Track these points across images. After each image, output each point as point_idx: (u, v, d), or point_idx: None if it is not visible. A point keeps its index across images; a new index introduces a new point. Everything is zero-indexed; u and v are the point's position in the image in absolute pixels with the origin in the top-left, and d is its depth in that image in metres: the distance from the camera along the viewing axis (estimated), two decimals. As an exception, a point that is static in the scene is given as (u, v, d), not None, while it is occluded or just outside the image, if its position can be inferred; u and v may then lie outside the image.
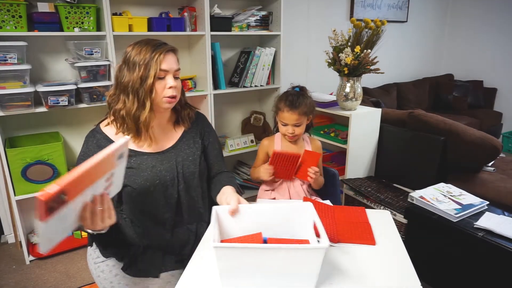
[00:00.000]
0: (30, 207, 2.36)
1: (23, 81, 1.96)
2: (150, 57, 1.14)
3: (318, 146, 1.72)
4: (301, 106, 1.53)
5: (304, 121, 1.58)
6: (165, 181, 1.24)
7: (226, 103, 2.95)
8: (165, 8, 2.52)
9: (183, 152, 1.30)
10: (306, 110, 1.55)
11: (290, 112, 1.53)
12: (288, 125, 1.56)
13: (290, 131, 1.56)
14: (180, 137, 1.33)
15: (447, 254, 1.77)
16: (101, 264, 1.24)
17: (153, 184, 1.22)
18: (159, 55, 1.15)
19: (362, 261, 1.07)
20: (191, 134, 1.35)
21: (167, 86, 1.18)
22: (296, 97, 1.54)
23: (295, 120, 1.54)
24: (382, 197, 2.26)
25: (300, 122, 1.55)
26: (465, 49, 4.90)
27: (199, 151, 1.34)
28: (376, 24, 2.26)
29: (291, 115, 1.54)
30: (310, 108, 1.57)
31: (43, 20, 1.99)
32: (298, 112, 1.53)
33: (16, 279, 2.04)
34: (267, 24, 2.79)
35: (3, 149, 1.98)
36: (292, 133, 1.56)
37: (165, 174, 1.24)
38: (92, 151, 1.19)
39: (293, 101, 1.53)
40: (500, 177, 2.46)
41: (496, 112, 4.62)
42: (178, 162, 1.28)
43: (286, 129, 1.57)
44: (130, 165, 1.21)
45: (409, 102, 4.29)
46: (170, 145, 1.30)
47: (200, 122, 1.41)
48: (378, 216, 1.33)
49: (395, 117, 2.64)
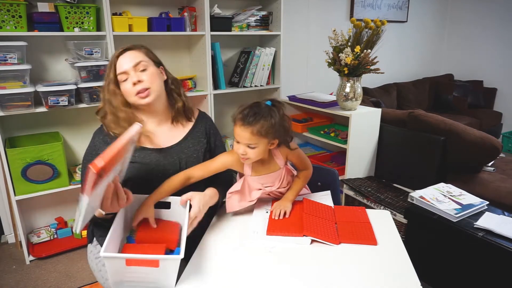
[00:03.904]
0: (30, 207, 2.36)
1: (23, 81, 1.96)
2: (108, 66, 1.24)
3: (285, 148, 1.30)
4: (256, 124, 1.16)
5: (262, 143, 1.20)
6: (168, 175, 1.25)
7: (226, 103, 2.95)
8: (165, 8, 2.52)
9: (188, 149, 1.33)
10: (264, 131, 1.17)
11: (241, 127, 1.19)
12: (239, 144, 1.21)
13: (241, 151, 1.20)
14: (185, 135, 1.36)
15: (447, 254, 1.77)
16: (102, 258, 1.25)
17: (155, 177, 1.24)
18: (113, 61, 1.24)
19: (362, 261, 1.07)
20: (196, 133, 1.38)
21: (132, 84, 1.22)
22: (253, 112, 1.18)
23: (247, 140, 1.18)
24: (382, 197, 2.26)
25: (253, 144, 1.18)
26: (465, 49, 4.90)
27: (203, 149, 1.37)
28: (376, 24, 2.26)
29: (242, 132, 1.18)
30: (273, 130, 1.18)
31: (43, 20, 1.99)
32: (251, 131, 1.16)
33: (16, 279, 2.04)
34: (267, 24, 2.79)
35: (3, 149, 1.98)
36: (243, 154, 1.21)
37: (168, 168, 1.27)
38: (98, 147, 1.26)
39: (247, 116, 1.17)
40: (500, 177, 2.46)
41: (496, 112, 4.61)
42: (182, 159, 1.30)
43: (237, 147, 1.22)
44: (134, 160, 1.24)
45: (409, 102, 4.29)
46: (175, 142, 1.33)
47: (205, 121, 1.44)
48: (378, 216, 1.33)
49: (395, 117, 2.64)
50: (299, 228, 1.20)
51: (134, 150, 1.22)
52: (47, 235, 2.33)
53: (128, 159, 1.08)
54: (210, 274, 1.02)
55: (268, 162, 1.31)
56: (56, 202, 2.42)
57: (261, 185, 1.33)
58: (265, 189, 1.34)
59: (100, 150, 1.23)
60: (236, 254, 1.11)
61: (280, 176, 1.34)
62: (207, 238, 1.20)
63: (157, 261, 0.92)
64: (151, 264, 0.92)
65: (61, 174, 2.16)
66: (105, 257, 0.91)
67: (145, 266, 0.92)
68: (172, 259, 0.94)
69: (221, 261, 1.08)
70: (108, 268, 0.95)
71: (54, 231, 2.36)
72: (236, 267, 1.05)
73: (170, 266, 0.94)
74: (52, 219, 2.44)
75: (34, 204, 2.35)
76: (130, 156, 1.09)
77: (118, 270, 0.94)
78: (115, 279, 0.96)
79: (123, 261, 0.92)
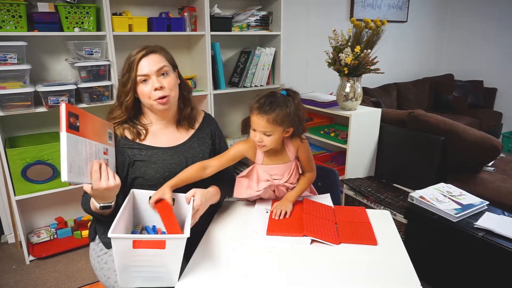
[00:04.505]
0: (30, 207, 2.36)
1: (23, 81, 1.96)
2: (129, 64, 1.24)
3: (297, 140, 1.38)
4: (272, 113, 1.24)
5: (277, 131, 1.27)
6: (175, 173, 1.27)
7: (226, 103, 2.95)
8: (165, 8, 2.52)
9: (193, 149, 1.36)
10: (279, 119, 1.24)
11: (258, 116, 1.26)
12: (256, 131, 1.29)
13: (257, 138, 1.28)
14: (191, 136, 1.39)
15: (447, 254, 1.77)
16: (104, 256, 1.27)
17: (162, 175, 1.27)
18: (136, 62, 1.22)
19: (362, 261, 1.07)
20: (202, 134, 1.41)
21: (153, 89, 1.22)
22: (269, 101, 1.25)
23: (263, 127, 1.26)
24: (382, 197, 2.26)
25: (269, 132, 1.26)
26: (465, 49, 4.90)
27: (209, 150, 1.40)
28: (376, 24, 2.26)
29: (258, 120, 1.26)
30: (285, 119, 1.26)
31: (43, 20, 1.99)
32: (267, 119, 1.24)
33: (16, 279, 2.04)
34: (267, 24, 2.79)
35: (3, 149, 1.98)
36: (260, 141, 1.28)
37: (175, 167, 1.29)
38: None
39: (263, 105, 1.25)
40: (500, 177, 2.46)
41: (496, 112, 4.62)
42: (188, 158, 1.33)
43: (253, 135, 1.30)
44: (142, 158, 1.27)
45: (409, 102, 4.29)
46: (181, 142, 1.35)
47: (210, 123, 1.47)
48: (378, 216, 1.33)
49: (395, 117, 2.64)
50: (299, 228, 1.20)
51: (137, 150, 1.28)
52: (47, 235, 2.33)
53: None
54: (210, 273, 1.02)
55: (280, 152, 1.38)
56: (56, 202, 2.42)
57: (270, 176, 1.37)
58: (273, 181, 1.37)
59: None
60: (236, 254, 1.11)
61: (289, 169, 1.39)
62: (208, 238, 1.20)
63: (163, 242, 0.93)
64: (158, 245, 0.93)
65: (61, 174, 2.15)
66: (113, 238, 0.92)
67: (151, 248, 0.93)
68: (178, 238, 0.95)
69: (221, 260, 1.08)
70: (115, 252, 0.94)
71: (54, 231, 2.36)
72: (236, 267, 1.05)
73: (177, 246, 0.95)
74: (52, 219, 2.44)
75: (34, 204, 2.35)
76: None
77: (125, 253, 0.94)
78: (122, 263, 0.96)
79: (130, 243, 0.92)
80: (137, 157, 1.27)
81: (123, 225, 1.05)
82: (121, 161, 1.26)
